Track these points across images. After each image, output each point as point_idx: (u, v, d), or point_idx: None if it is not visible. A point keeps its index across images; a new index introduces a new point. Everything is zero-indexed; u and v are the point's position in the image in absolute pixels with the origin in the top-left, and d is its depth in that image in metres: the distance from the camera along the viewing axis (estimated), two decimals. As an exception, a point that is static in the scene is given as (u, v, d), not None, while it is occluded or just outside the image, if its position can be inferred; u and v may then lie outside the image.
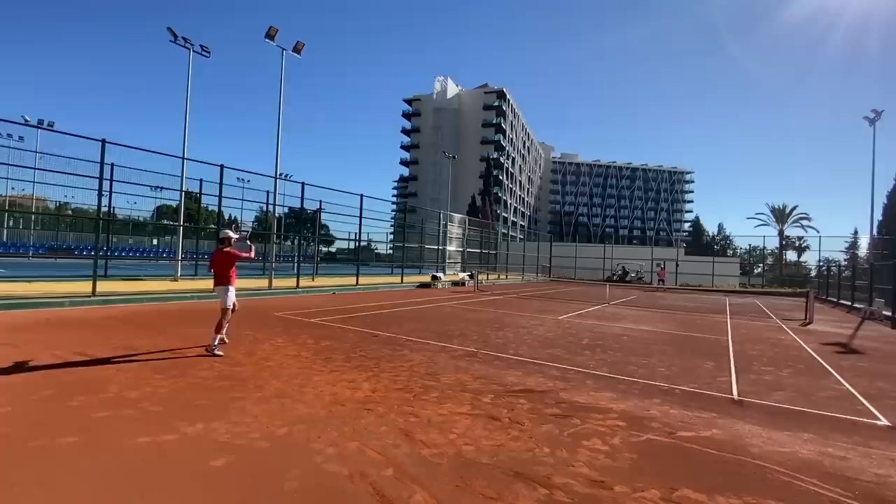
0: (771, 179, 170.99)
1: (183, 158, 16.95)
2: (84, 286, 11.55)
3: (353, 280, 19.31)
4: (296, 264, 21.10)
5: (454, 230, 32.02)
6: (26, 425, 3.46)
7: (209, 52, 18.67)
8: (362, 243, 28.39)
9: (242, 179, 24.54)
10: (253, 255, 6.87)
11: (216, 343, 6.12)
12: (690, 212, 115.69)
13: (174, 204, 21.40)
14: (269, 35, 16.07)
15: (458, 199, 63.48)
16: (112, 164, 15.45)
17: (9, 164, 16.45)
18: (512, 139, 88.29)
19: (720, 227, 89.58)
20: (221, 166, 15.20)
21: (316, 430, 3.59)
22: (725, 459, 3.42)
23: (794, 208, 50.87)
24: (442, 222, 29.20)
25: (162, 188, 18.17)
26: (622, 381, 5.67)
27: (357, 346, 7.03)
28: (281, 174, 18.09)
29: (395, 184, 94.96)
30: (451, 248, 30.90)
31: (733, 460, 3.41)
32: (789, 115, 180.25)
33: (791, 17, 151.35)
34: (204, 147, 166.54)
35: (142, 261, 35.08)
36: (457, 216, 34.03)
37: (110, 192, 17.07)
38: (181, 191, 17.47)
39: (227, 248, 6.48)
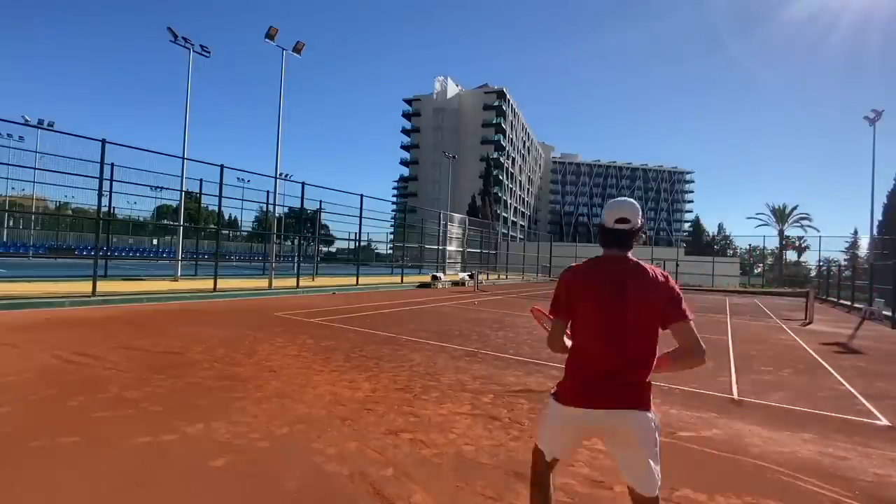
0: (771, 179, 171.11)
1: (183, 158, 16.95)
2: (84, 286, 11.54)
3: (353, 280, 19.31)
4: (296, 264, 21.12)
5: (454, 230, 32.02)
6: (26, 425, 3.46)
7: (209, 52, 18.67)
8: (362, 243, 28.39)
9: (242, 179, 24.57)
10: None
11: None
12: (690, 212, 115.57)
13: (174, 204, 21.39)
14: (269, 35, 16.09)
15: (458, 199, 63.40)
16: (112, 164, 15.47)
17: (9, 164, 16.48)
18: (512, 139, 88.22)
19: (720, 227, 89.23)
20: (221, 166, 15.18)
21: (316, 430, 3.59)
22: (725, 459, 3.42)
23: (795, 208, 50.96)
24: (442, 222, 29.19)
25: (162, 188, 18.18)
26: (622, 381, 5.66)
27: (357, 346, 7.03)
28: (281, 174, 18.13)
29: (395, 184, 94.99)
30: (451, 248, 30.90)
31: (733, 460, 3.41)
32: (789, 115, 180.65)
33: (791, 17, 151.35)
34: (204, 147, 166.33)
35: (142, 261, 35.11)
36: (457, 216, 34.03)
37: (110, 192, 17.05)
38: (181, 191, 17.47)
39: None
